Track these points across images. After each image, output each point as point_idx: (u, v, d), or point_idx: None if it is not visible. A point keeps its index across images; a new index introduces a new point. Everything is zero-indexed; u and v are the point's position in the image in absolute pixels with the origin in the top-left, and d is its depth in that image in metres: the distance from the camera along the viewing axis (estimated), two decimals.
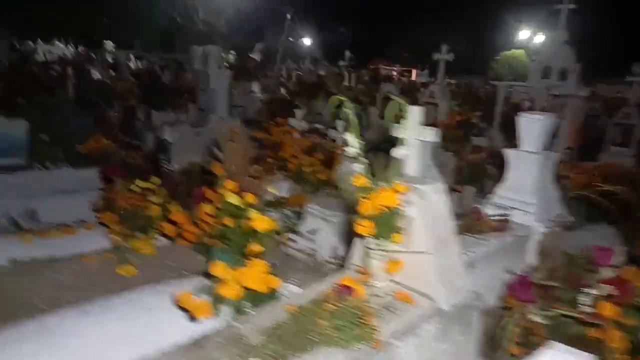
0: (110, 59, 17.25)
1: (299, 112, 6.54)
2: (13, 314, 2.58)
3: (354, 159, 2.44)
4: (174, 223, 3.84)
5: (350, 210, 2.52)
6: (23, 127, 6.68)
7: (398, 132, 2.74)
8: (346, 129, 2.51)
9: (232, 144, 3.69)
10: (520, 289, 2.56)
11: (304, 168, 5.76)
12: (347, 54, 18.47)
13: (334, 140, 5.99)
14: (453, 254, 2.51)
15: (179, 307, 2.43)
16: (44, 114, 5.44)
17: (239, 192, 3.21)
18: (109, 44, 20.29)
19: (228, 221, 2.95)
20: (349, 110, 2.43)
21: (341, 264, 4.17)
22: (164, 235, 3.83)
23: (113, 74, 10.16)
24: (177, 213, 3.62)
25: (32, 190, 5.28)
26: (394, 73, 32.42)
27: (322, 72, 20.31)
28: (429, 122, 7.46)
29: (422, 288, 2.36)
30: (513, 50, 35.58)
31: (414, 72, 35.79)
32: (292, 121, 6.52)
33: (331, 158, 5.92)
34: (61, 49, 20.28)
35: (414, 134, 3.18)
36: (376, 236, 2.31)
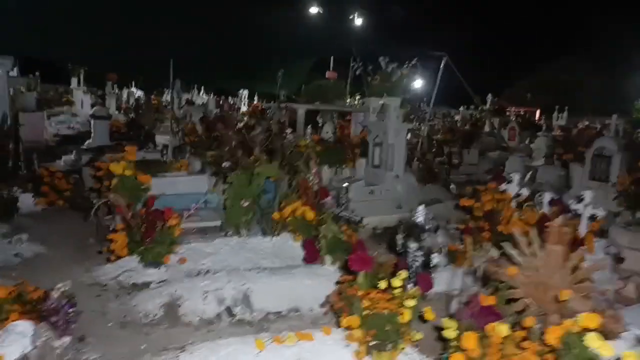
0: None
1: (515, 175, 5.42)
2: None
3: None
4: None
5: None
6: (206, 184, 6.46)
7: None
8: None
9: (555, 247, 2.68)
10: None
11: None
12: (490, 97, 17.08)
13: (576, 215, 4.73)
14: None
15: None
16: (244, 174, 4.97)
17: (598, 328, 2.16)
18: (244, 93, 21.21)
19: None
20: None
21: None
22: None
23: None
24: (468, 337, 2.66)
25: (229, 262, 4.78)
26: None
27: (457, 118, 19.08)
28: None
29: None
30: None
31: (537, 112, 32.73)
32: (507, 186, 5.41)
33: (575, 239, 4.68)
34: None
35: None
36: None
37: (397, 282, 3.17)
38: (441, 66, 13.31)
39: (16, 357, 2.73)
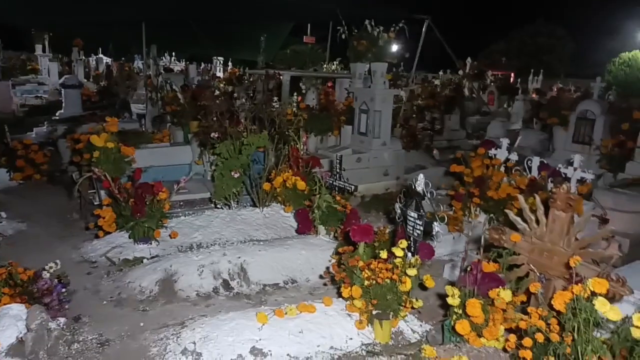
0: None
1: (504, 140, 5.43)
2: None
3: None
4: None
5: None
6: (190, 155, 6.30)
7: None
8: None
9: (561, 213, 2.69)
10: None
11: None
12: (469, 60, 16.98)
13: (565, 179, 4.77)
14: None
15: None
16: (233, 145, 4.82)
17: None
18: (219, 60, 20.56)
19: None
20: None
21: None
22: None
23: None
24: (472, 304, 2.68)
25: (221, 235, 4.71)
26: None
27: (436, 82, 19.01)
28: None
29: None
30: (635, 52, 31.74)
31: (512, 76, 32.95)
32: (496, 152, 5.42)
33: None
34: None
35: None
36: None
37: (398, 251, 3.16)
38: (423, 29, 13.11)
39: (12, 342, 2.64)
